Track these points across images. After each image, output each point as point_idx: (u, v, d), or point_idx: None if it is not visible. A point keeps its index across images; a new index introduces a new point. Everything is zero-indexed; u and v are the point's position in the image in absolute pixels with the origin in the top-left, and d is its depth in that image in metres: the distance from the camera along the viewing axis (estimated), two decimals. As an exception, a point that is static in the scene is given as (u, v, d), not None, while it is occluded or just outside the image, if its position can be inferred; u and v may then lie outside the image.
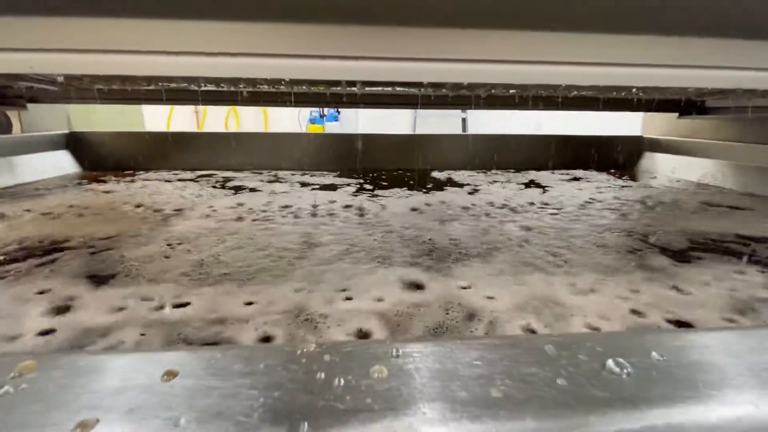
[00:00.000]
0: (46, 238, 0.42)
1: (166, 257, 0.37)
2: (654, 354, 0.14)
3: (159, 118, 2.51)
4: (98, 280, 0.32)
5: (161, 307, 0.28)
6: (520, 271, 0.35)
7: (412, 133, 1.44)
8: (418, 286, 0.32)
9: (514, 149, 1.01)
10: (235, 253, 0.39)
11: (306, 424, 0.11)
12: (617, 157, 1.03)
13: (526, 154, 1.01)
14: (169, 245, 0.41)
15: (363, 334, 0.25)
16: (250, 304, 0.28)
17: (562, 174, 0.92)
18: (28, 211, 0.53)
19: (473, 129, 2.80)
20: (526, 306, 0.29)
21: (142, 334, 0.25)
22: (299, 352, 0.14)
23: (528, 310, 0.28)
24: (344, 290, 0.31)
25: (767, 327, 0.21)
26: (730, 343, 0.15)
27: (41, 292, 0.30)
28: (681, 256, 0.39)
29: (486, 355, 0.13)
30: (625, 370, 0.13)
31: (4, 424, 0.11)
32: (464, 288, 0.32)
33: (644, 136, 1.05)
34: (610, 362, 0.13)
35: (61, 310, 0.27)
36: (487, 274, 0.35)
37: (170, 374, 0.12)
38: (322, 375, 0.13)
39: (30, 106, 0.81)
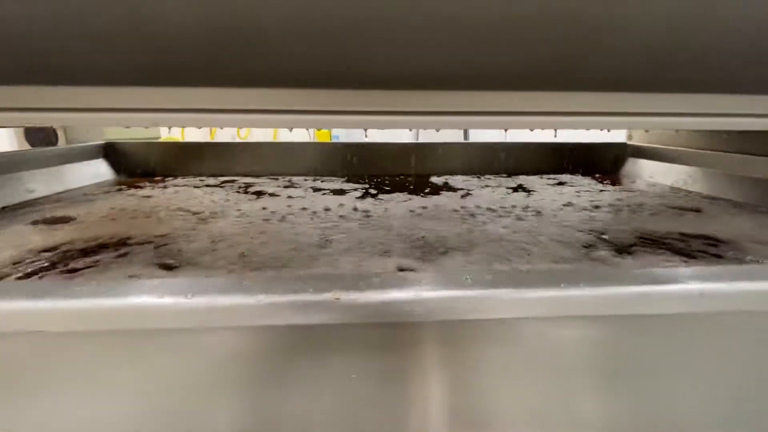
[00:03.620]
0: (114, 236, 0.53)
1: (214, 250, 0.48)
2: (486, 276, 0.27)
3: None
4: (168, 267, 0.42)
5: (220, 285, 0.38)
6: (491, 261, 0.45)
7: (416, 138, 1.54)
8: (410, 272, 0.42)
9: (506, 156, 1.10)
10: (268, 247, 0.49)
11: (357, 287, 0.29)
12: (603, 163, 1.12)
13: (518, 160, 1.10)
14: (212, 241, 0.51)
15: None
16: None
17: (549, 179, 1.01)
18: (89, 213, 0.64)
19: (475, 134, 2.87)
20: (490, 285, 0.38)
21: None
22: (348, 277, 0.30)
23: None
24: (354, 274, 0.41)
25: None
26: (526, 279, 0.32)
27: (130, 277, 0.40)
28: (625, 249, 0.49)
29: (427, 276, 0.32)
30: (468, 280, 0.28)
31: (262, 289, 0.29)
32: (446, 273, 0.41)
33: (628, 143, 1.13)
34: (464, 276, 0.28)
35: (150, 287, 0.37)
36: (466, 262, 0.44)
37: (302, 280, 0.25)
38: (359, 283, 0.30)
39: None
